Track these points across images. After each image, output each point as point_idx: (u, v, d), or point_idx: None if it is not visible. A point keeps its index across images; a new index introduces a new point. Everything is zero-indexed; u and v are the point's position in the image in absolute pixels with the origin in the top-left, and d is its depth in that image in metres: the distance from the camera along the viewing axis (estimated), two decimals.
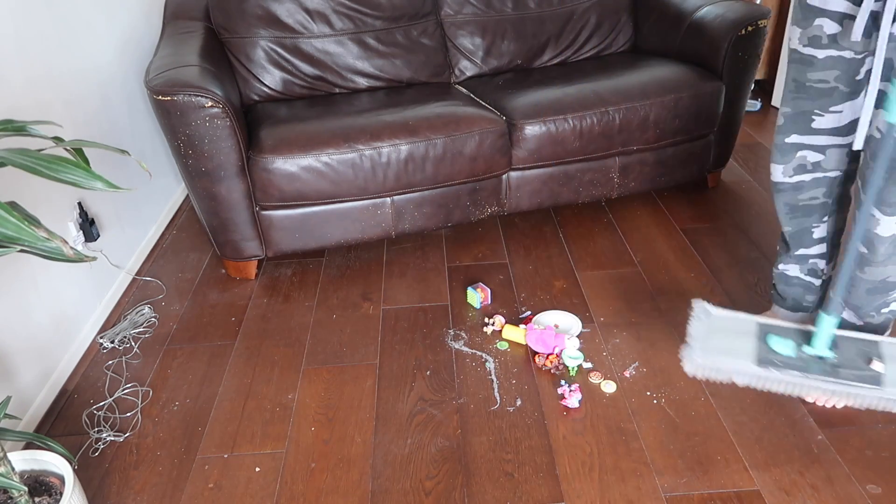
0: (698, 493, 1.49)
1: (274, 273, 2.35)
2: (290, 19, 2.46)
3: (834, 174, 1.64)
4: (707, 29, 2.45)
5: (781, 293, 1.85)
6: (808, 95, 1.56)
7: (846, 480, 1.51)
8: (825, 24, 1.47)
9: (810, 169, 1.63)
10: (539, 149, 2.26)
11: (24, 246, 0.96)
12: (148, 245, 2.48)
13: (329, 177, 2.10)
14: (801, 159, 1.63)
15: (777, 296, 1.87)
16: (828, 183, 1.65)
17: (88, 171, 1.00)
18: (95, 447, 1.69)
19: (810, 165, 1.63)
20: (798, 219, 1.72)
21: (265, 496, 1.54)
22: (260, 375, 1.90)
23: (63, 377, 1.89)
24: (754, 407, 1.71)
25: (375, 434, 1.69)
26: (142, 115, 2.50)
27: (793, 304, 1.84)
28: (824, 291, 1.81)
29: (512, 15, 2.68)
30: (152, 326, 2.12)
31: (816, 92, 1.54)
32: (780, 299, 1.86)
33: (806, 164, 1.63)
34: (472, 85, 2.59)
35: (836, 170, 1.63)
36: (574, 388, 1.76)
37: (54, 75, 1.93)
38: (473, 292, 2.11)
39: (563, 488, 1.52)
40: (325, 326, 2.08)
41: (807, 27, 1.50)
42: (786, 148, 1.64)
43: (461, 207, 2.31)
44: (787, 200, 1.70)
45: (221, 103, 1.94)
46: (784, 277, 1.83)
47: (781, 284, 1.84)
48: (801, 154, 1.62)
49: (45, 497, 1.34)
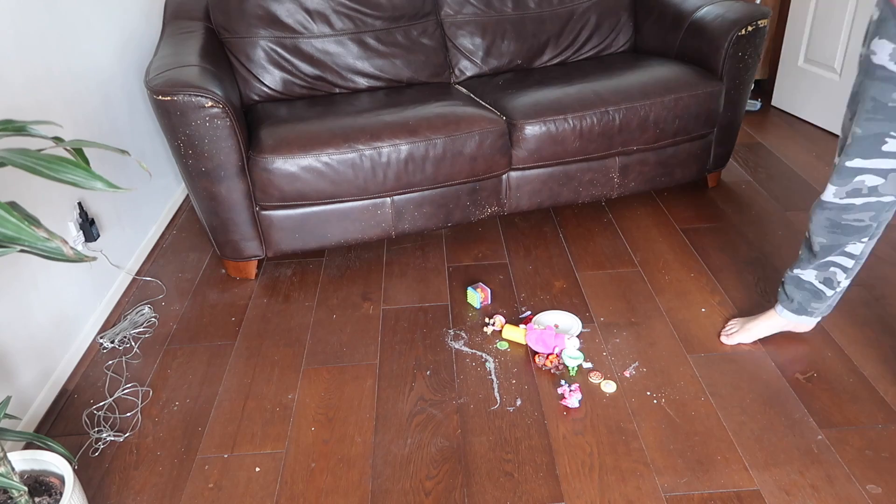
0: (698, 493, 1.49)
1: (274, 273, 2.35)
2: (290, 19, 2.46)
3: (888, 199, 1.57)
4: (707, 29, 2.45)
5: (789, 295, 1.84)
6: (886, 117, 1.46)
7: (846, 480, 1.51)
8: None
9: (865, 193, 1.57)
10: (539, 149, 2.26)
11: (24, 246, 0.96)
12: (148, 245, 2.48)
13: (329, 177, 2.10)
14: (859, 183, 1.56)
15: (784, 296, 1.85)
16: (878, 207, 1.59)
17: (88, 171, 1.00)
18: (95, 447, 1.69)
19: (866, 189, 1.57)
20: (836, 235, 1.67)
21: (265, 496, 1.54)
22: (260, 375, 1.90)
23: (63, 377, 1.89)
24: (754, 407, 1.71)
25: (375, 434, 1.69)
26: (142, 115, 2.50)
27: (797, 307, 1.84)
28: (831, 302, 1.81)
29: (512, 15, 2.68)
30: (152, 326, 2.12)
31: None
32: (787, 300, 1.85)
33: (863, 188, 1.57)
34: (472, 85, 2.59)
35: (891, 195, 1.57)
36: (574, 388, 1.76)
37: (54, 75, 1.93)
38: (473, 292, 2.11)
39: (563, 488, 1.52)
40: (325, 326, 2.08)
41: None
42: (846, 172, 1.56)
43: (461, 207, 2.31)
44: (831, 217, 1.65)
45: (221, 103, 1.94)
46: (797, 281, 1.81)
47: (791, 286, 1.82)
48: (859, 178, 1.56)
49: (45, 497, 1.34)
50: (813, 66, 3.20)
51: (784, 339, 1.92)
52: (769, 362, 1.85)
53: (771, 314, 1.89)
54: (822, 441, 1.61)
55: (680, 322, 2.01)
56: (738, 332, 1.92)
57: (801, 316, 1.85)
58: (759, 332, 1.90)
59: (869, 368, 1.81)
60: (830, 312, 2.00)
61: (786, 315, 1.86)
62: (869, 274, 2.17)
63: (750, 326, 1.91)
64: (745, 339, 1.91)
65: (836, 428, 1.64)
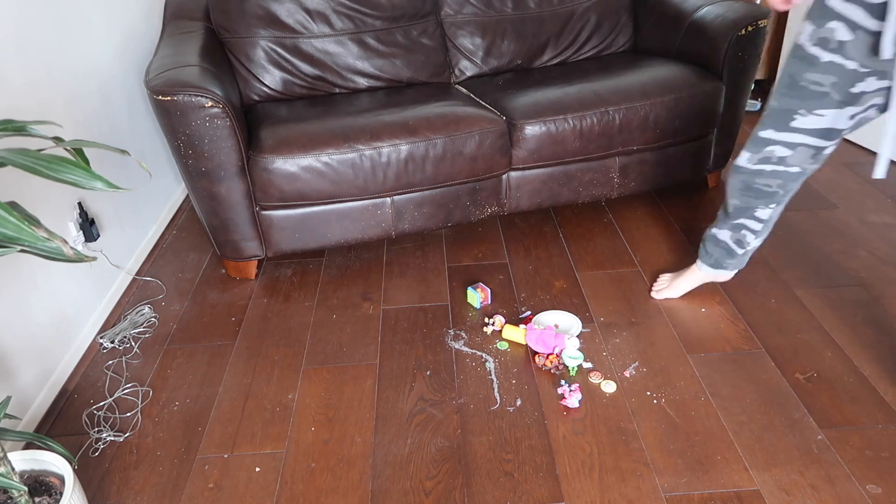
0: (698, 493, 1.49)
1: (274, 273, 2.35)
2: (290, 19, 2.46)
3: (794, 170, 1.71)
4: (707, 29, 2.45)
5: (708, 251, 2.00)
6: (797, 94, 1.57)
7: (846, 480, 1.51)
8: (838, 30, 1.45)
9: (774, 161, 1.71)
10: (539, 149, 2.26)
11: (24, 246, 0.96)
12: (148, 245, 2.48)
13: (329, 177, 2.10)
14: (769, 153, 1.70)
15: (704, 252, 2.02)
16: (785, 176, 1.73)
17: (88, 171, 1.00)
18: (95, 447, 1.69)
19: (775, 159, 1.70)
20: (747, 197, 1.81)
21: (265, 496, 1.54)
22: (260, 375, 1.90)
23: (63, 377, 1.89)
24: (754, 407, 1.71)
25: (375, 434, 1.69)
26: (142, 115, 2.50)
27: (714, 262, 2.00)
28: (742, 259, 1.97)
29: (512, 15, 2.68)
30: (152, 326, 2.12)
31: (808, 93, 1.55)
32: (707, 256, 2.01)
33: (772, 156, 1.70)
34: (472, 85, 2.59)
35: (797, 167, 1.70)
36: (574, 388, 1.76)
37: (54, 75, 1.93)
38: (473, 292, 2.11)
39: (563, 488, 1.52)
40: (325, 326, 2.08)
41: (820, 27, 1.48)
42: (759, 141, 1.70)
43: (461, 207, 2.31)
44: (744, 179, 1.79)
45: (221, 103, 1.94)
46: (714, 238, 1.97)
47: (710, 244, 1.99)
48: (769, 148, 1.70)
49: (45, 497, 1.34)
50: None
51: (784, 338, 1.92)
52: (769, 362, 1.85)
53: (693, 269, 2.07)
54: (822, 441, 1.61)
55: (680, 322, 2.01)
56: (666, 288, 2.10)
57: (718, 270, 2.02)
58: (685, 287, 2.08)
59: (869, 368, 1.81)
60: (833, 315, 2.00)
61: (704, 269, 2.03)
62: (869, 274, 2.17)
63: (676, 283, 2.08)
64: (673, 295, 2.09)
65: (836, 428, 1.64)
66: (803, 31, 1.53)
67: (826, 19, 1.47)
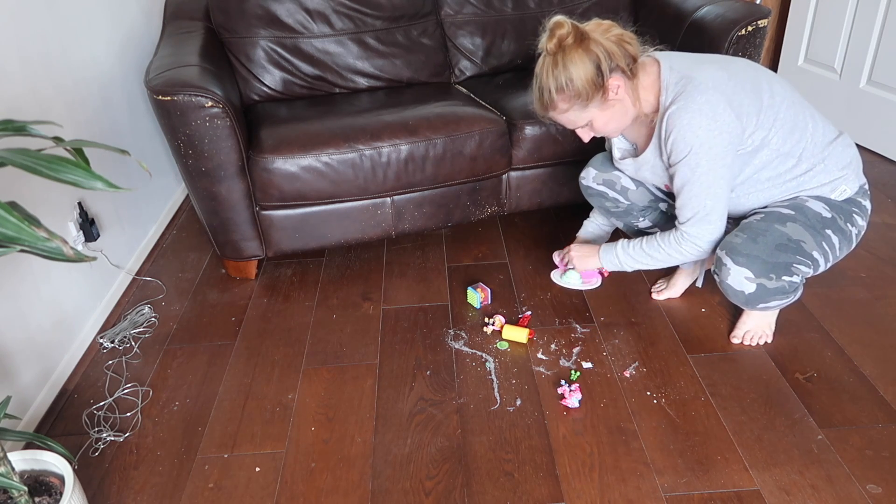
0: (698, 493, 1.49)
1: (274, 273, 2.35)
2: (290, 19, 2.46)
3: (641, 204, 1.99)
4: (707, 29, 2.44)
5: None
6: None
7: (846, 480, 1.51)
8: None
9: (619, 189, 1.97)
10: (539, 148, 2.26)
11: (24, 246, 0.96)
12: (148, 245, 2.48)
13: (329, 177, 2.10)
14: (616, 177, 1.96)
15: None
16: (630, 206, 2.00)
17: (88, 171, 1.00)
18: (95, 447, 1.69)
19: (619, 187, 1.96)
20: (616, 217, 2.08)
21: (265, 496, 1.54)
22: (260, 375, 1.90)
23: (63, 377, 1.89)
24: (754, 407, 1.71)
25: (375, 434, 1.69)
26: (142, 115, 2.50)
27: None
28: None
29: (512, 15, 2.67)
30: (152, 326, 2.12)
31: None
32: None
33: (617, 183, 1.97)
34: (472, 85, 2.59)
35: (639, 202, 1.98)
36: (574, 388, 1.76)
37: (54, 75, 1.93)
38: (473, 292, 2.11)
39: (563, 488, 1.52)
40: (325, 326, 2.08)
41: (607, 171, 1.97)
42: (609, 163, 1.96)
43: (461, 207, 2.31)
44: (598, 204, 2.07)
45: (221, 103, 1.94)
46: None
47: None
48: (617, 173, 1.95)
49: (45, 497, 1.34)
50: (813, 67, 3.20)
51: (784, 338, 1.92)
52: (769, 362, 1.85)
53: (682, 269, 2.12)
54: (822, 441, 1.61)
55: (680, 322, 2.01)
56: (665, 288, 2.13)
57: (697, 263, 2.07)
58: (683, 285, 2.12)
59: (869, 368, 1.81)
60: (833, 316, 2.00)
61: (686, 265, 2.08)
62: (869, 274, 2.17)
63: (673, 282, 2.13)
64: (674, 294, 2.12)
65: (836, 428, 1.64)
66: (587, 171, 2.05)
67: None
